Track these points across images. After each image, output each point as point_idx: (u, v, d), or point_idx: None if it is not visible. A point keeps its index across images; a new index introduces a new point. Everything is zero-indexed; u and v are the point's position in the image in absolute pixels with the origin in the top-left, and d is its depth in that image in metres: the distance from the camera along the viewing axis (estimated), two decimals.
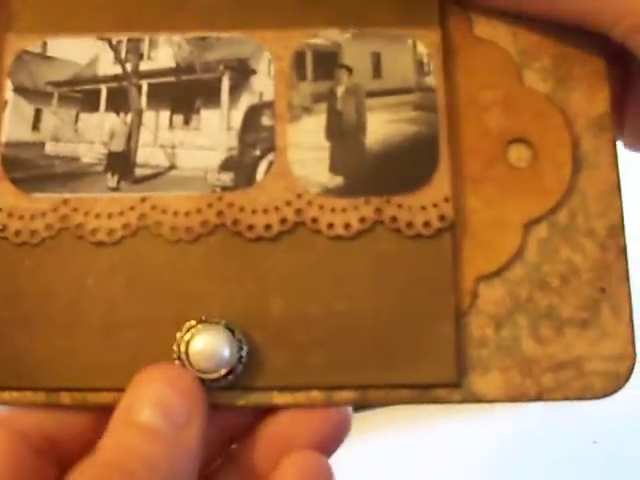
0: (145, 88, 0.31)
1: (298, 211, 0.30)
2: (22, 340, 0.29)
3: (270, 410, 0.29)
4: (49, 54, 0.31)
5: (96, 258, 0.30)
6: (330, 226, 0.30)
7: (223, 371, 0.28)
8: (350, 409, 0.29)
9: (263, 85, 0.31)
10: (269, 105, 0.31)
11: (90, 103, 0.31)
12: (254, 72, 0.31)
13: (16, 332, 0.29)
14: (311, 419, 0.29)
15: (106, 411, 0.28)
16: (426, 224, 0.30)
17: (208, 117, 0.31)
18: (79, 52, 0.31)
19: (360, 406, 0.62)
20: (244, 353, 0.29)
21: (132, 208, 0.30)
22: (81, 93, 0.31)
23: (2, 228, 0.30)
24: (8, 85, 0.31)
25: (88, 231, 0.30)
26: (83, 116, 0.31)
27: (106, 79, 0.31)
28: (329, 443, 0.29)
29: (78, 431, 0.29)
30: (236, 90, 0.31)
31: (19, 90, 0.31)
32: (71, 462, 0.30)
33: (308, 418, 0.29)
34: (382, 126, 0.30)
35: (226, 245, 0.30)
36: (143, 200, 0.30)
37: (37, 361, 0.29)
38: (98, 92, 0.31)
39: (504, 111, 0.31)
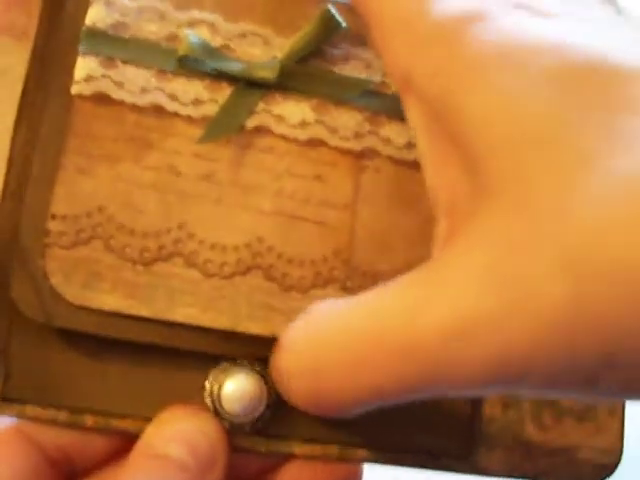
0: None
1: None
2: (51, 356, 0.29)
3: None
4: None
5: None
6: None
7: (253, 416, 0.29)
8: (362, 465, 0.30)
9: None
10: None
11: None
12: None
13: (49, 346, 0.29)
14: (323, 471, 0.30)
15: (126, 437, 0.28)
16: None
17: None
18: None
19: None
20: (272, 401, 0.29)
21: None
22: None
23: None
24: None
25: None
26: None
27: None
28: None
29: (95, 451, 0.29)
30: None
31: None
32: (82, 475, 0.30)
33: (321, 470, 0.30)
34: None
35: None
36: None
37: (64, 379, 0.29)
38: None
39: None
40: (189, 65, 0.30)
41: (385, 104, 0.32)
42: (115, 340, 0.29)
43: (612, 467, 0.32)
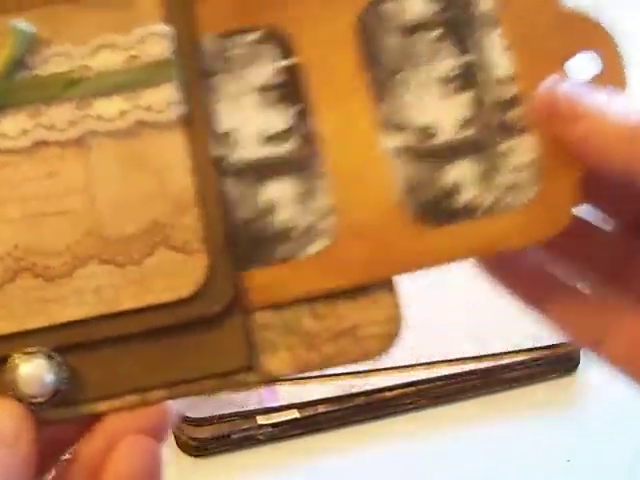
0: None
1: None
2: None
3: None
4: None
5: None
6: None
7: (50, 394, 0.33)
8: (168, 403, 0.34)
9: None
10: None
11: None
12: None
13: None
14: (133, 418, 0.33)
15: None
16: None
17: None
18: None
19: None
20: (65, 375, 0.33)
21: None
22: None
23: None
24: None
25: None
26: None
27: None
28: (154, 434, 0.33)
29: None
30: None
31: None
32: None
33: (131, 417, 0.33)
34: None
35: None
36: None
37: None
38: None
39: None
40: None
41: (86, 86, 0.35)
42: None
43: (396, 335, 0.34)
